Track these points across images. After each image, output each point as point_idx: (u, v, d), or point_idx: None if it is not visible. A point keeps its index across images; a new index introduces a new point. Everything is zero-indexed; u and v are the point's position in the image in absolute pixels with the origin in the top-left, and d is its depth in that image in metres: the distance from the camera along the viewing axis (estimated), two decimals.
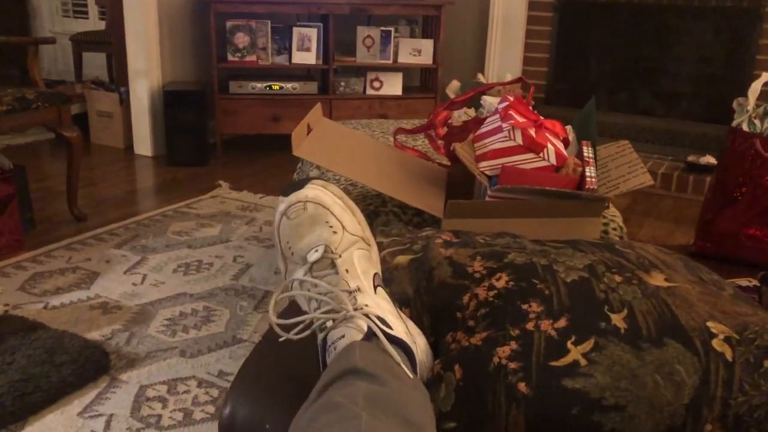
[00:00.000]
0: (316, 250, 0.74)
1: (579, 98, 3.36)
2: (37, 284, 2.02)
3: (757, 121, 2.21)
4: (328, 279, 0.73)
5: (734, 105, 2.30)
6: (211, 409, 1.47)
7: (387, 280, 0.84)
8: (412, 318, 0.80)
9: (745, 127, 2.24)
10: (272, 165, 3.36)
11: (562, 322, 0.75)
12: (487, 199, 1.15)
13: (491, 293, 0.78)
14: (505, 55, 3.68)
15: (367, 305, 0.71)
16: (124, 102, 3.52)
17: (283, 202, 0.77)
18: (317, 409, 0.62)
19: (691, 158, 3.15)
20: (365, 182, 1.35)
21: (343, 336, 0.69)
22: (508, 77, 3.60)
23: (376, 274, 0.76)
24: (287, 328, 0.73)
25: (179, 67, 3.55)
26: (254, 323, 1.82)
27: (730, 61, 3.26)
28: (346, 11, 3.46)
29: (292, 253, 0.76)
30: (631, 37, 3.48)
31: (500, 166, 1.16)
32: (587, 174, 1.14)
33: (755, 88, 2.23)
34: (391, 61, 3.59)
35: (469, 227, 1.03)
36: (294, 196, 0.77)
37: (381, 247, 0.90)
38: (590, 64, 3.64)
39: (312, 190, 0.77)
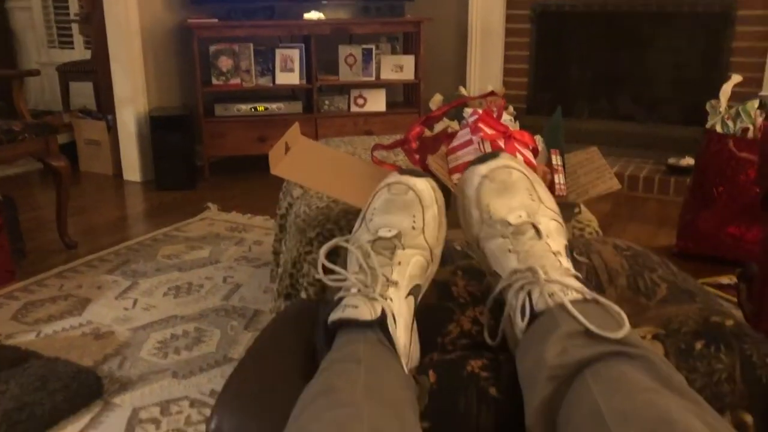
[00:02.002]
0: (390, 230, 0.79)
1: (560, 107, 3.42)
2: (29, 313, 2.04)
3: (729, 122, 2.27)
4: (380, 259, 0.77)
5: (707, 107, 2.35)
6: (204, 428, 1.49)
7: None
8: None
9: (718, 129, 2.29)
10: (260, 185, 3.40)
11: None
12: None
13: (475, 327, 0.82)
14: (486, 67, 3.74)
15: (392, 300, 0.74)
16: (112, 129, 3.56)
17: (393, 176, 0.83)
18: (317, 391, 0.65)
19: (671, 161, 3.21)
20: (344, 198, 1.38)
21: (356, 307, 0.73)
22: (489, 88, 3.66)
23: (418, 285, 0.79)
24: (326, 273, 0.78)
25: (165, 93, 3.60)
26: (245, 342, 1.85)
27: (705, 64, 3.33)
28: (327, 31, 3.52)
29: (371, 220, 0.81)
30: (608, 44, 3.55)
31: None
32: (556, 181, 1.18)
33: (726, 89, 2.29)
34: (373, 78, 3.64)
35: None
36: (405, 179, 0.82)
37: None
38: (569, 72, 3.70)
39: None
